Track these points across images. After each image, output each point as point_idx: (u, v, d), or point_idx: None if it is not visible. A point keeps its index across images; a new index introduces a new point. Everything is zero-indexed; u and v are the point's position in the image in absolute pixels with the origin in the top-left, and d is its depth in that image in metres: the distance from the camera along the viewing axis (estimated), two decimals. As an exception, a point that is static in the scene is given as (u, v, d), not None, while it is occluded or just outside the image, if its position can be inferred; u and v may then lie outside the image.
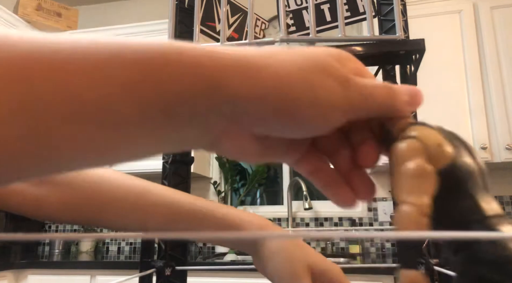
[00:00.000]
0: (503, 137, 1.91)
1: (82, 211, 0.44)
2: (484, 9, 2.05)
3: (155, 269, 0.57)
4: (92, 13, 2.96)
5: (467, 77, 2.00)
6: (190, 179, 0.63)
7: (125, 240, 2.53)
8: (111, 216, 0.44)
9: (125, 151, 0.19)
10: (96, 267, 1.95)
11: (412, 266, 0.19)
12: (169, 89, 0.17)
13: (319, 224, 2.31)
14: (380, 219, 2.24)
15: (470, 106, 1.97)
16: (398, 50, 0.53)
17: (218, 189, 2.44)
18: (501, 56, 1.98)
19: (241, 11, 0.68)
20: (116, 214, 0.44)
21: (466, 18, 2.06)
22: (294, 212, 2.34)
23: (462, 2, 2.08)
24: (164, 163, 0.63)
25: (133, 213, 0.44)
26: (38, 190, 0.42)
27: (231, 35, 0.67)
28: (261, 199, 2.68)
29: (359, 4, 0.60)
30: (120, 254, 2.44)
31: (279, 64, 0.19)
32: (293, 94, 0.19)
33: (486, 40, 2.01)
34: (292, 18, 0.61)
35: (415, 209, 0.19)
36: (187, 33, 0.60)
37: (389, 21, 0.56)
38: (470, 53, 2.01)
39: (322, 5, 0.60)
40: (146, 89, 0.17)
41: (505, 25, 2.01)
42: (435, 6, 2.11)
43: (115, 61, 0.17)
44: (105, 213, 0.44)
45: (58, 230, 2.63)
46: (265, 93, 0.18)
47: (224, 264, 1.89)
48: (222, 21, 0.58)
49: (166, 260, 0.57)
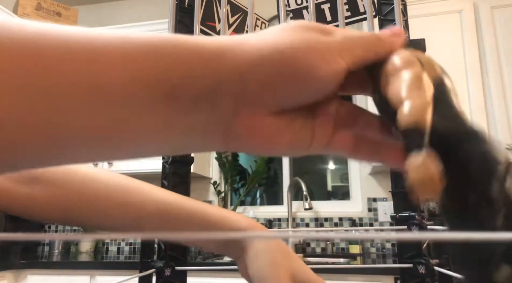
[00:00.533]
0: (503, 137, 1.91)
1: (71, 210, 0.43)
2: (485, 8, 2.05)
3: (155, 270, 0.57)
4: (92, 13, 2.96)
5: (467, 77, 2.00)
6: (190, 179, 0.63)
7: (124, 241, 2.53)
8: (99, 215, 0.44)
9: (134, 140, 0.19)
10: (95, 267, 1.95)
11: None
12: (171, 72, 0.18)
13: (319, 224, 2.31)
14: (380, 219, 2.23)
15: (471, 106, 1.97)
16: (398, 50, 0.53)
17: (218, 189, 2.44)
18: (501, 55, 1.98)
19: (241, 11, 0.68)
20: (105, 214, 0.43)
21: (467, 17, 2.06)
22: (294, 212, 2.34)
23: (462, 2, 2.08)
24: (164, 163, 0.62)
25: (122, 213, 0.43)
26: (27, 189, 0.42)
27: (231, 35, 0.67)
28: (261, 199, 2.68)
29: (359, 3, 0.60)
30: (120, 254, 2.44)
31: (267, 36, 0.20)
32: (290, 49, 0.19)
33: (486, 39, 2.01)
34: (292, 18, 0.61)
35: (420, 101, 0.18)
36: (187, 33, 0.60)
37: (389, 21, 0.56)
38: (470, 53, 2.01)
39: (322, 5, 0.60)
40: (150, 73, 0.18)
41: (506, 25, 2.01)
42: (435, 6, 2.11)
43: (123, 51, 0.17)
44: (93, 212, 0.43)
45: (58, 230, 2.63)
46: (262, 57, 0.19)
47: (224, 264, 1.89)
48: (222, 21, 0.58)
49: (166, 260, 0.57)
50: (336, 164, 2.68)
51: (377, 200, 2.27)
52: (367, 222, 2.25)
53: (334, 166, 2.70)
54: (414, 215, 0.56)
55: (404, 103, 0.19)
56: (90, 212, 0.43)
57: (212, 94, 0.19)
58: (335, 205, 2.37)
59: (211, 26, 0.63)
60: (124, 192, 0.44)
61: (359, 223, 2.26)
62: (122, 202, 0.43)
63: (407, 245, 0.57)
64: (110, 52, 0.17)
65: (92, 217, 0.44)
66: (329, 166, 2.72)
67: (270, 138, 0.20)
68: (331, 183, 2.66)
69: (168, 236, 0.42)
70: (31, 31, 0.16)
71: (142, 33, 0.19)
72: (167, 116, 0.18)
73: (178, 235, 0.39)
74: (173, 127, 0.19)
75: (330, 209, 2.34)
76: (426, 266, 0.54)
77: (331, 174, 2.69)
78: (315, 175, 2.73)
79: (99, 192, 0.43)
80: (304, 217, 2.34)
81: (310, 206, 2.10)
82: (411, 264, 0.55)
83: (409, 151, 0.18)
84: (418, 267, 0.54)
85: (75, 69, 0.16)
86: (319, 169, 2.73)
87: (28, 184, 0.42)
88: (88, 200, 0.43)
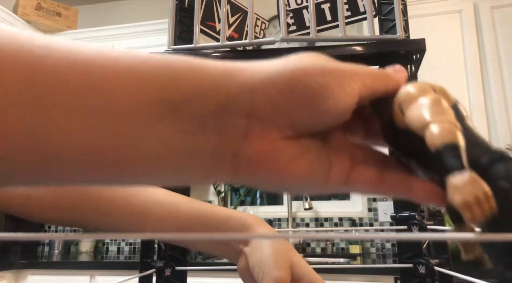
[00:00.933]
0: (503, 137, 1.91)
1: (73, 211, 0.43)
2: (485, 8, 2.05)
3: (155, 270, 0.57)
4: (92, 13, 2.96)
5: (467, 77, 2.00)
6: (190, 179, 0.63)
7: (125, 241, 2.53)
8: (102, 216, 0.44)
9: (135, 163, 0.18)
10: (95, 267, 1.95)
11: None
12: (174, 88, 0.17)
13: (319, 224, 2.31)
14: (380, 219, 2.23)
15: (471, 106, 1.97)
16: (398, 50, 0.53)
17: (218, 189, 2.44)
18: (501, 55, 1.98)
19: (241, 11, 0.68)
20: (108, 215, 0.44)
21: (467, 18, 2.06)
22: (294, 212, 2.34)
23: (462, 2, 2.08)
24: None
25: (125, 213, 0.44)
26: (29, 189, 0.42)
27: (231, 35, 0.67)
28: (261, 199, 2.68)
29: (359, 3, 0.60)
30: (120, 254, 2.44)
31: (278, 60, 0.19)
32: (303, 69, 0.19)
33: (486, 39, 2.01)
34: (292, 18, 0.61)
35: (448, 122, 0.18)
36: (187, 33, 0.60)
37: (389, 21, 0.56)
38: (470, 53, 2.01)
39: (322, 5, 0.60)
40: (151, 89, 0.17)
41: (506, 24, 2.01)
42: (435, 6, 2.11)
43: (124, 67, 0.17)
44: (95, 213, 0.43)
45: (58, 230, 2.63)
46: (274, 75, 0.18)
47: (224, 264, 1.89)
48: (222, 21, 0.58)
49: (166, 260, 0.57)
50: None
51: (377, 200, 2.27)
52: (367, 222, 2.25)
53: (334, 166, 2.70)
54: (414, 215, 0.56)
55: (431, 126, 0.18)
56: (91, 213, 0.44)
57: (221, 113, 0.18)
58: (335, 205, 2.37)
59: (211, 26, 0.63)
60: (128, 193, 0.44)
61: (359, 223, 2.26)
62: (126, 203, 0.43)
63: (407, 245, 0.57)
64: (111, 67, 0.16)
65: (93, 218, 0.44)
66: (329, 166, 2.71)
67: (284, 166, 0.19)
68: (331, 183, 2.65)
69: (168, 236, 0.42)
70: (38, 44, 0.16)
71: (146, 52, 0.18)
72: (171, 136, 0.17)
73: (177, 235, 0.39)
74: (178, 150, 0.18)
75: (330, 209, 2.34)
76: (426, 266, 0.54)
77: (331, 174, 2.69)
78: (315, 175, 2.73)
79: (102, 193, 0.43)
80: (304, 217, 2.34)
81: (310, 206, 2.10)
82: (411, 264, 0.55)
83: (448, 173, 0.17)
84: (418, 267, 0.54)
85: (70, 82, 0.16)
86: (319, 169, 2.73)
87: None
88: (90, 201, 0.43)
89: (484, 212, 0.16)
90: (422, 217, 0.57)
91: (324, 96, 0.18)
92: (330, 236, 0.21)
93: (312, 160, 0.20)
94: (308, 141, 0.20)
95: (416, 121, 0.19)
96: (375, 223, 2.24)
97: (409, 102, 0.20)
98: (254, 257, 0.42)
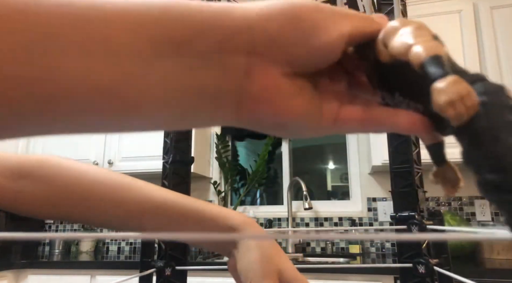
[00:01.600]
0: (503, 137, 1.91)
1: (62, 206, 0.43)
2: (484, 9, 2.05)
3: (155, 269, 0.57)
4: (92, 13, 2.96)
5: (467, 77, 2.00)
6: (190, 179, 0.63)
7: (125, 240, 2.53)
8: (93, 212, 0.44)
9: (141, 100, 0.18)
10: (96, 267, 1.95)
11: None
12: (175, 27, 0.18)
13: (319, 224, 2.31)
14: (380, 219, 2.24)
15: (470, 106, 1.96)
16: (398, 50, 0.53)
17: (218, 189, 2.44)
18: (501, 56, 1.99)
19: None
20: (99, 210, 0.43)
21: (466, 18, 2.06)
22: (294, 212, 2.34)
23: (462, 2, 2.08)
24: (164, 163, 0.63)
25: (117, 210, 0.43)
26: (17, 184, 0.42)
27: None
28: (261, 199, 2.68)
29: (359, 3, 0.60)
30: (120, 254, 2.44)
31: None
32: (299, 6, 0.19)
33: (486, 40, 2.01)
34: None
35: (431, 42, 0.18)
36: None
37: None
38: (470, 53, 2.01)
39: (322, 5, 0.60)
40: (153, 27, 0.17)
41: (505, 25, 2.01)
42: (435, 6, 2.11)
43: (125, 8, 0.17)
44: (86, 208, 0.43)
45: (58, 230, 2.63)
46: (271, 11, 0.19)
47: (224, 264, 1.89)
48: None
49: (166, 260, 0.57)
50: (335, 164, 2.69)
51: (377, 199, 2.27)
52: (367, 222, 2.26)
53: (334, 166, 2.70)
54: (414, 214, 0.57)
55: (414, 47, 0.18)
56: (82, 208, 0.43)
57: (222, 50, 0.18)
58: (335, 205, 2.37)
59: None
60: (119, 189, 0.44)
61: (359, 223, 2.26)
62: (117, 199, 0.43)
63: (406, 244, 0.57)
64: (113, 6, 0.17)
65: (85, 214, 0.44)
66: (329, 166, 2.72)
67: (285, 102, 0.20)
68: (331, 183, 2.66)
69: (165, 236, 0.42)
70: None
71: None
72: (173, 74, 0.18)
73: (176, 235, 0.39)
74: (182, 88, 0.18)
75: (330, 209, 2.34)
76: (426, 265, 0.54)
77: (331, 174, 2.69)
78: (315, 175, 2.73)
79: (94, 189, 0.43)
80: (304, 217, 2.34)
81: (310, 206, 2.10)
82: (410, 264, 0.55)
83: (432, 82, 0.17)
84: (417, 267, 0.55)
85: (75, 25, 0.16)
86: (319, 169, 2.74)
87: (19, 179, 0.42)
88: (81, 196, 0.43)
89: (468, 108, 0.16)
90: (421, 217, 0.57)
91: (319, 31, 0.19)
92: (330, 236, 0.21)
93: (308, 99, 0.21)
94: (302, 81, 0.21)
95: (400, 47, 0.19)
96: (374, 223, 2.24)
97: (392, 34, 0.20)
98: (241, 262, 0.42)
